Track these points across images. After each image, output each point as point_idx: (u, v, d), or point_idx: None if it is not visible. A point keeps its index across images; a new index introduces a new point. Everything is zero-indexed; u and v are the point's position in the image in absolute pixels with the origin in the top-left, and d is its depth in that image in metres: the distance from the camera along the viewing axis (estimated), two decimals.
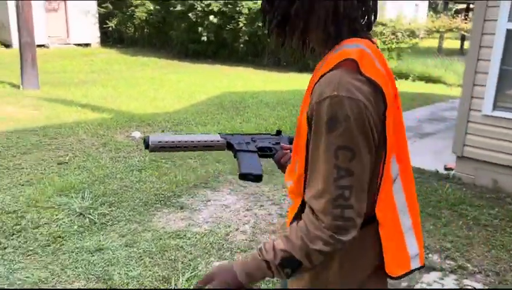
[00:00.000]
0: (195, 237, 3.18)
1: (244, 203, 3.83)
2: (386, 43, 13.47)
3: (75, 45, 17.55)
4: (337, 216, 0.94)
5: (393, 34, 13.57)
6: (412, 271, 1.10)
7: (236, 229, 3.36)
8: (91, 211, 3.46)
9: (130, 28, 18.75)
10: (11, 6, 15.09)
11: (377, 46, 1.06)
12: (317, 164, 0.97)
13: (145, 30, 18.41)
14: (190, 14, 14.71)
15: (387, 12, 16.89)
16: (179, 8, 15.14)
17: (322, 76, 0.97)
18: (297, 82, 10.80)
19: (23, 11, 8.51)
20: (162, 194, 3.89)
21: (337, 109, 0.91)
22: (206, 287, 1.06)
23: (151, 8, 16.89)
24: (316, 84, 0.98)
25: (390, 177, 1.04)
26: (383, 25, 13.37)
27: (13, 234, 3.12)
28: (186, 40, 15.69)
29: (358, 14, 1.01)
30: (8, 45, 16.18)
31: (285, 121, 6.71)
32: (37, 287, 2.55)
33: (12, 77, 9.41)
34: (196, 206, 3.73)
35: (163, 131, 5.92)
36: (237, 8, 13.92)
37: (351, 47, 0.98)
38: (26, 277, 2.62)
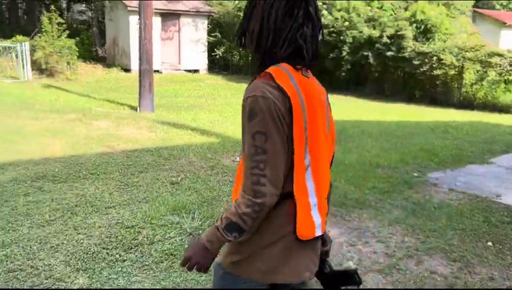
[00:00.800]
0: None
1: (348, 237, 3.75)
2: (502, 75, 12.52)
3: (185, 70, 18.82)
4: (254, 183, 1.28)
5: (510, 65, 12.59)
6: (317, 237, 1.44)
7: (340, 265, 3.29)
8: (200, 231, 3.63)
9: (236, 56, 19.65)
10: (133, 35, 16.70)
11: (306, 76, 1.40)
12: (244, 147, 1.32)
13: (249, 58, 19.16)
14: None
15: (505, 42, 15.75)
16: None
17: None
18: (403, 113, 10.45)
19: (145, 42, 9.34)
20: None
21: (254, 105, 1.27)
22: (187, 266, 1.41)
23: None
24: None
25: (303, 165, 1.36)
26: (499, 55, 12.48)
27: (131, 248, 3.37)
28: None
29: (284, 48, 1.35)
30: (127, 70, 17.81)
31: (389, 153, 6.50)
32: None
33: (131, 99, 10.33)
34: None
35: None
36: (341, 37, 13.95)
37: (274, 66, 1.35)
38: None
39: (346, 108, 11.05)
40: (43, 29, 15.86)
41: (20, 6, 27.68)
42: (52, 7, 17.49)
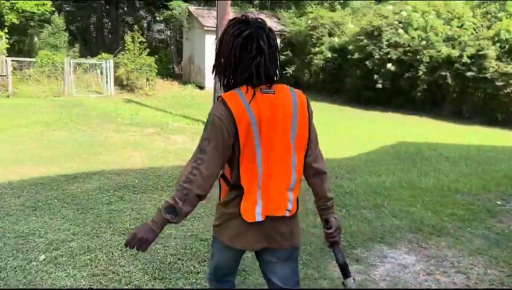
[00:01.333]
0: None
1: (424, 266, 3.59)
2: None
3: None
4: (189, 172, 1.72)
5: None
6: (257, 222, 1.82)
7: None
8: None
9: (306, 74, 19.70)
10: (208, 53, 17.34)
11: (269, 92, 1.80)
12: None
13: (321, 76, 19.12)
14: (367, 62, 14.82)
15: None
16: (356, 56, 15.39)
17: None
18: (484, 136, 9.89)
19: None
20: None
21: (208, 119, 1.76)
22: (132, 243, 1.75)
23: (329, 55, 17.53)
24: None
25: (253, 163, 1.78)
26: None
27: (205, 261, 3.46)
28: (360, 87, 15.79)
29: (243, 73, 1.78)
30: (201, 87, 18.46)
31: (469, 179, 6.15)
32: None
33: (205, 115, 10.67)
34: (372, 261, 3.63)
35: (336, 177, 5.98)
36: (418, 57, 13.54)
37: (231, 91, 1.80)
38: None
39: (421, 129, 10.66)
40: (125, 48, 16.94)
41: (106, 26, 29.79)
42: (135, 27, 18.64)
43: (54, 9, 19.36)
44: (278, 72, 1.85)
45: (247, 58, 1.75)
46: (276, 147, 1.81)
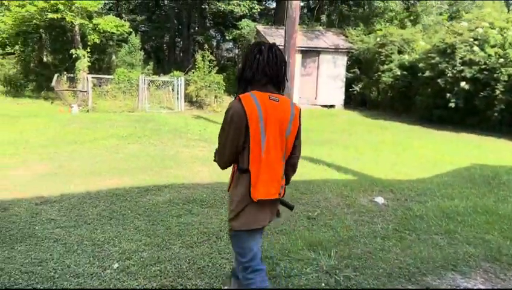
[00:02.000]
0: None
1: None
2: None
3: (321, 105, 19.06)
4: (215, 153, 2.58)
5: None
6: (262, 203, 2.42)
7: None
8: (337, 271, 3.59)
9: (374, 92, 19.33)
10: None
11: (275, 100, 2.38)
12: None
13: (389, 94, 18.67)
14: (439, 80, 14.28)
15: None
16: (427, 74, 14.89)
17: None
18: None
19: (288, 81, 9.75)
20: (407, 269, 3.75)
21: (227, 113, 2.34)
22: None
23: (398, 73, 17.10)
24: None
25: (258, 152, 2.33)
26: None
27: (269, 279, 3.46)
28: (431, 106, 15.21)
29: (258, 81, 2.40)
30: None
31: None
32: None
33: None
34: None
35: (406, 200, 5.78)
36: (495, 75, 12.83)
37: (247, 93, 2.36)
38: None
39: (498, 151, 10.04)
40: (196, 66, 17.59)
41: (178, 45, 31.14)
42: (205, 46, 19.34)
43: (131, 29, 20.60)
44: (283, 84, 2.49)
45: (263, 72, 2.38)
46: (274, 143, 2.38)
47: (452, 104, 13.97)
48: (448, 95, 14.06)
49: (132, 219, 4.62)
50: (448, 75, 14.00)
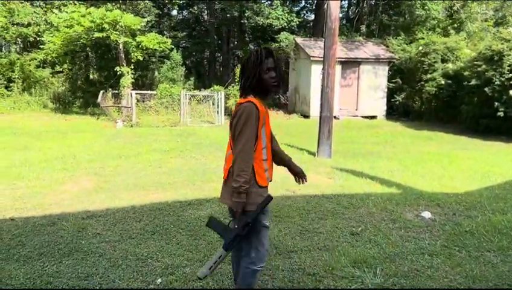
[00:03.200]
0: None
1: None
2: None
3: (362, 117, 18.76)
4: (233, 170, 2.77)
5: None
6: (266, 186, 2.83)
7: None
8: None
9: (417, 102, 18.83)
10: (313, 83, 17.47)
11: (264, 103, 2.82)
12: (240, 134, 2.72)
13: (433, 104, 18.14)
14: (486, 89, 13.75)
15: None
16: (473, 82, 14.38)
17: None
18: None
19: (327, 91, 9.67)
20: (457, 288, 3.57)
21: (249, 109, 2.69)
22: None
23: (442, 82, 16.61)
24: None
25: (262, 146, 2.76)
26: None
27: None
28: (477, 115, 14.64)
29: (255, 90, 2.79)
30: (306, 116, 18.59)
31: None
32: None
33: (309, 145, 10.70)
34: None
35: (454, 214, 5.53)
36: None
37: (251, 97, 2.75)
38: None
39: None
40: (235, 80, 17.78)
41: (218, 60, 31.62)
42: None
43: (173, 46, 21.11)
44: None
45: (260, 79, 2.74)
46: (269, 134, 2.88)
47: (501, 113, 13.41)
48: (496, 104, 13.51)
49: (175, 234, 4.66)
50: (496, 83, 13.46)
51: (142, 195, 6.23)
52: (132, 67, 18.47)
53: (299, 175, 3.13)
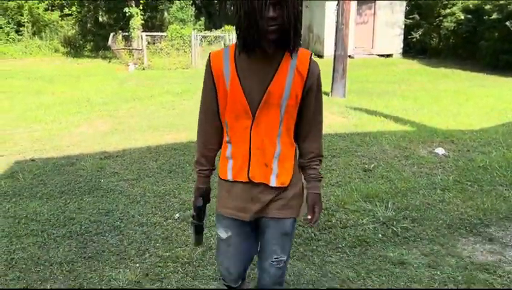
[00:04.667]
0: (509, 277, 2.84)
1: None
2: None
3: (378, 55, 18.31)
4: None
5: None
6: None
7: None
8: (394, 222, 3.55)
9: (435, 39, 18.26)
10: (328, 21, 16.96)
11: None
12: (320, 115, 1.86)
13: (451, 40, 17.57)
14: (507, 23, 13.21)
15: None
16: (494, 16, 13.80)
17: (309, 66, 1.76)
18: None
19: (342, 28, 9.39)
20: (468, 220, 3.63)
21: None
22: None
23: (462, 17, 15.97)
24: (309, 70, 1.75)
25: None
26: None
27: (325, 229, 3.50)
28: (498, 51, 14.17)
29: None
30: (320, 56, 18.21)
31: None
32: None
33: (323, 85, 10.55)
34: (508, 241, 3.32)
35: (468, 151, 5.52)
36: None
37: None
38: (337, 272, 2.90)
39: None
40: None
41: None
42: None
43: None
44: None
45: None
46: None
47: None
48: None
49: (190, 172, 4.76)
50: None
51: (157, 136, 6.31)
52: (141, 8, 18.06)
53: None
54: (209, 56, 1.75)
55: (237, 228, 1.89)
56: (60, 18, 21.54)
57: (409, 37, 18.46)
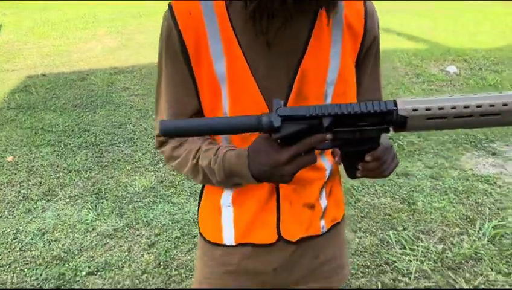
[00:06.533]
0: (508, 188, 2.95)
1: None
2: None
3: None
4: None
5: None
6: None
7: None
8: (400, 136, 3.62)
9: None
10: None
11: None
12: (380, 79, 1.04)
13: None
14: None
15: None
16: None
17: (366, 14, 0.93)
18: None
19: None
20: (473, 135, 3.69)
21: None
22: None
23: None
24: (366, 21, 0.94)
25: None
26: None
27: None
28: None
29: None
30: None
31: None
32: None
33: None
34: (510, 155, 3.41)
35: (480, 69, 5.44)
36: None
37: None
38: (343, 182, 3.03)
39: None
40: None
41: None
42: None
43: None
44: None
45: None
46: None
47: None
48: None
49: None
50: None
51: None
52: None
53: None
54: (170, 11, 0.88)
55: None
56: None
57: None
